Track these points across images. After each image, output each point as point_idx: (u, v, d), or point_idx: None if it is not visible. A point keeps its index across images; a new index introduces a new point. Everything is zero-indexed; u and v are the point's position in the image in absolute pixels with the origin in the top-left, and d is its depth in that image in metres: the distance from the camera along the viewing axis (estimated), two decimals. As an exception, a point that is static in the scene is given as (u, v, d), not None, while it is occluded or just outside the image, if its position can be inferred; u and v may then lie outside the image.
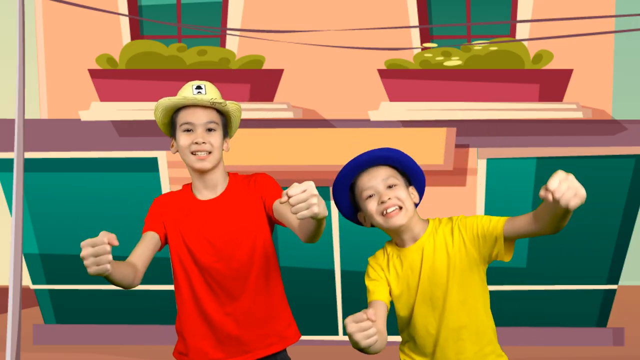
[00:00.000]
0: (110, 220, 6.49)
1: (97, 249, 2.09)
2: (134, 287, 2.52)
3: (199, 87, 2.64)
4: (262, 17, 6.55)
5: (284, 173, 6.24)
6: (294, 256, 6.27)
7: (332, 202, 6.46)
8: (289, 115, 6.34)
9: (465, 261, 2.44)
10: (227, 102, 2.67)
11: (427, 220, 2.54)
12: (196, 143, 2.59)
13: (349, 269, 6.53)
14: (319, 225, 2.24)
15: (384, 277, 2.47)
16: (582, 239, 6.38)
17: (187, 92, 2.66)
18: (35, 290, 6.76)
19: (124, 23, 6.65)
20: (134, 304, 6.60)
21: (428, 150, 6.10)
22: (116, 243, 2.14)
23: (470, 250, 2.44)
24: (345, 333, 6.80)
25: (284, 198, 2.03)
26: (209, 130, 2.62)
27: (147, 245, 2.59)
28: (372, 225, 2.51)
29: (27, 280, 6.42)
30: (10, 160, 5.69)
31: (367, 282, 2.50)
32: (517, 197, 6.35)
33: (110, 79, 6.39)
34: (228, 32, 6.61)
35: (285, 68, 6.48)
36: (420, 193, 2.55)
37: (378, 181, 2.45)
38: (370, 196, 2.45)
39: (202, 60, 6.37)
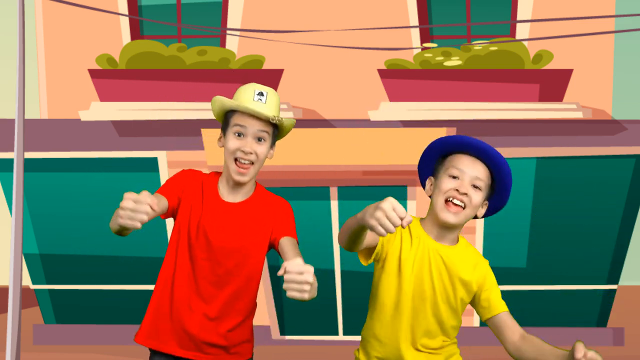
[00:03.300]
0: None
1: (137, 206, 2.11)
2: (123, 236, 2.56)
3: (260, 94, 2.59)
4: (262, 17, 6.56)
5: (284, 173, 6.24)
6: (294, 256, 6.27)
7: (333, 203, 6.46)
8: (289, 115, 6.34)
9: (464, 293, 2.51)
10: (284, 118, 2.63)
11: (459, 235, 2.54)
12: (243, 151, 2.56)
13: (349, 269, 6.53)
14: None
15: (398, 238, 2.43)
16: (582, 239, 6.38)
17: (248, 96, 2.61)
18: (35, 290, 6.76)
19: (124, 23, 6.66)
20: (134, 304, 6.59)
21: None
22: (157, 208, 2.13)
23: (472, 290, 2.52)
24: (345, 333, 6.80)
25: (282, 271, 2.06)
26: (259, 139, 2.59)
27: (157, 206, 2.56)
28: (430, 196, 2.49)
29: (27, 280, 6.42)
30: (10, 160, 5.69)
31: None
32: (517, 197, 6.35)
33: (110, 79, 6.39)
34: (228, 32, 6.61)
35: (285, 68, 6.48)
36: (488, 213, 2.54)
37: (472, 172, 2.41)
38: (455, 177, 2.40)
39: (202, 60, 6.37)
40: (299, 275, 2.05)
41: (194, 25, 6.66)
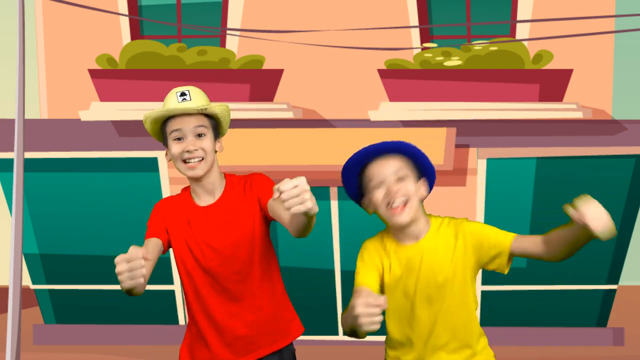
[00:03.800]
0: (111, 220, 6.50)
1: (132, 264, 2.12)
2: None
3: (183, 94, 2.62)
4: (262, 17, 6.56)
5: (284, 173, 6.24)
6: (294, 256, 6.27)
7: (333, 203, 6.46)
8: (289, 115, 6.34)
9: (464, 266, 2.46)
10: (213, 104, 2.66)
11: (429, 217, 2.53)
12: (188, 151, 2.59)
13: (349, 269, 6.53)
14: (309, 220, 2.25)
15: (379, 265, 2.46)
16: (582, 239, 6.38)
17: (172, 100, 2.63)
18: (35, 290, 6.76)
19: (124, 23, 6.66)
20: (134, 304, 6.60)
21: (428, 150, 6.05)
22: (149, 258, 2.15)
23: (470, 256, 2.46)
24: (344, 333, 6.80)
25: (276, 194, 2.03)
26: (199, 135, 2.61)
27: (151, 252, 2.59)
28: (375, 213, 2.52)
29: (27, 280, 6.42)
30: (10, 160, 5.69)
31: (359, 264, 2.49)
32: (517, 197, 6.35)
33: (110, 79, 6.39)
34: (228, 32, 6.61)
35: (285, 68, 6.48)
36: (430, 187, 2.55)
37: (389, 172, 2.43)
38: (380, 184, 2.43)
39: (202, 60, 6.37)
40: (295, 189, 2.02)
41: (194, 25, 6.66)
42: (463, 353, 2.52)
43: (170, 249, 2.75)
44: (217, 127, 2.70)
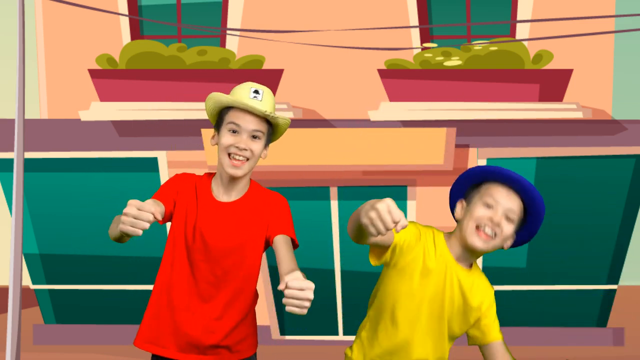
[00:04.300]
0: (111, 220, 6.49)
1: (141, 214, 2.12)
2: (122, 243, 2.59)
3: (256, 92, 2.59)
4: (262, 17, 6.56)
5: (284, 173, 6.24)
6: (294, 256, 6.27)
7: (333, 203, 6.46)
8: (289, 115, 6.34)
9: (467, 323, 2.52)
10: (279, 116, 2.63)
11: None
12: (237, 147, 2.55)
13: (349, 269, 6.53)
14: None
15: (421, 245, 2.42)
16: (582, 239, 6.38)
17: (244, 93, 2.60)
18: (35, 290, 6.76)
19: (124, 23, 6.66)
20: (134, 304, 6.59)
21: (428, 150, 6.10)
22: (160, 218, 2.14)
23: (471, 321, 2.53)
24: (345, 333, 6.80)
25: (282, 285, 2.05)
26: (254, 137, 2.58)
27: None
28: (455, 218, 2.50)
29: (27, 280, 6.42)
30: (10, 160, 5.69)
31: (412, 224, 2.43)
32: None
33: (110, 79, 6.39)
34: (228, 32, 6.61)
35: (285, 68, 6.48)
36: (514, 245, 2.54)
37: (508, 206, 2.40)
38: (490, 206, 2.40)
39: (202, 60, 6.37)
40: (300, 292, 2.04)
41: (194, 25, 6.66)
42: None
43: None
44: (271, 134, 2.69)
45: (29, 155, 6.12)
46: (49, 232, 6.55)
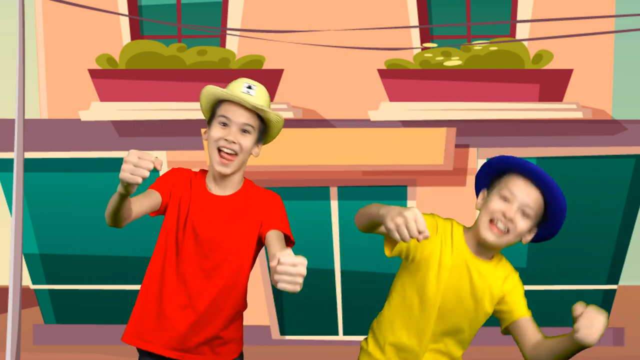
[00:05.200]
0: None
1: (140, 162, 2.14)
2: (118, 226, 2.56)
3: (249, 87, 2.60)
4: (262, 17, 6.56)
5: (284, 173, 6.24)
6: (294, 256, 6.27)
7: (333, 203, 6.46)
8: (289, 115, 6.34)
9: (486, 313, 2.50)
10: (271, 111, 2.61)
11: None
12: (226, 139, 2.55)
13: (349, 269, 6.53)
14: None
15: (437, 240, 2.40)
16: (582, 239, 6.38)
17: (237, 87, 2.61)
18: (35, 290, 6.76)
19: (124, 23, 6.66)
20: (134, 303, 6.60)
21: (428, 150, 6.10)
22: (160, 168, 2.16)
23: (488, 313, 2.51)
24: (345, 333, 6.80)
25: (274, 261, 1.99)
26: (244, 131, 2.57)
27: (148, 200, 2.54)
28: (476, 208, 2.46)
29: (27, 280, 6.42)
30: (10, 160, 5.68)
31: (429, 215, 2.43)
32: (517, 197, 6.35)
33: (110, 79, 6.39)
34: (228, 32, 6.61)
35: (285, 68, 6.48)
36: (535, 240, 2.50)
37: (524, 198, 2.35)
38: (506, 199, 2.36)
39: (202, 60, 6.37)
40: (293, 267, 1.99)
41: (194, 25, 6.66)
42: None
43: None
44: (263, 131, 2.68)
45: (29, 155, 6.12)
46: (49, 232, 6.55)
